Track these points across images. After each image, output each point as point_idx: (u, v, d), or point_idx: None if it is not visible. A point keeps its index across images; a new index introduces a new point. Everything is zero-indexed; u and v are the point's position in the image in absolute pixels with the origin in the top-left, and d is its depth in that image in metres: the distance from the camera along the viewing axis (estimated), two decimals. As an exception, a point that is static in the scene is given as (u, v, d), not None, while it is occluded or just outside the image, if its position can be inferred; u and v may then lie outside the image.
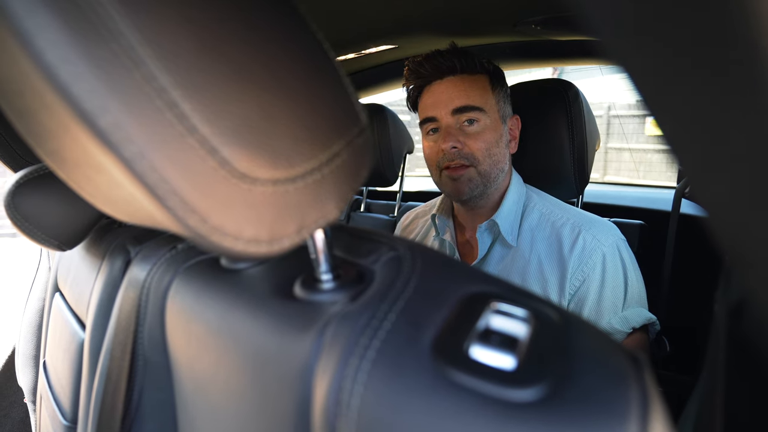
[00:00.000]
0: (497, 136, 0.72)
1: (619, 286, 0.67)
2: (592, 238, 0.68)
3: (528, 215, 0.75)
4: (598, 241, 0.68)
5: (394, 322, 0.21)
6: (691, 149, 0.15)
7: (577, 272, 0.67)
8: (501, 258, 0.74)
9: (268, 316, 0.27)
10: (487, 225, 0.75)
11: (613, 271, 0.67)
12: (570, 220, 0.71)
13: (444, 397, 0.18)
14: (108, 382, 0.40)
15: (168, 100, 0.17)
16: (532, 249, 0.72)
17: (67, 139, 0.21)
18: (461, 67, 0.70)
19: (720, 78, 0.12)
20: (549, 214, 0.74)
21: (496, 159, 0.72)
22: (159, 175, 0.17)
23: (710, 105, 0.13)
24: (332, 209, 0.23)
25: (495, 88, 0.73)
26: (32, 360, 1.03)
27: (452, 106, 0.70)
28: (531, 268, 0.71)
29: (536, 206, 0.75)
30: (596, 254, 0.67)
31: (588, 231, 0.69)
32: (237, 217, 0.19)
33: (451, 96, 0.70)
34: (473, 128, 0.71)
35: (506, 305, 0.22)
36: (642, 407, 0.17)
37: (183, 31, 0.18)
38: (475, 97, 0.70)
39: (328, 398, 0.20)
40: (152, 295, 0.37)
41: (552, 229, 0.72)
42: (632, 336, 0.66)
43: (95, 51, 0.15)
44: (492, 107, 0.72)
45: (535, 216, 0.74)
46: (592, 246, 0.67)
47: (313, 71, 0.22)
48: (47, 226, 0.50)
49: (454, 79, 0.71)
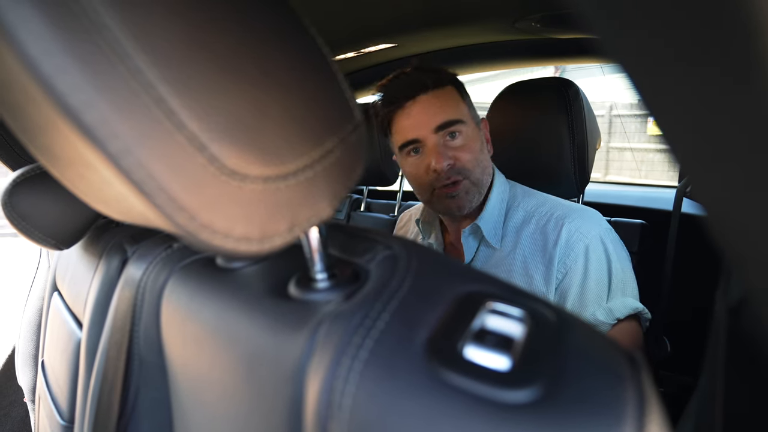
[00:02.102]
0: (479, 143, 0.73)
1: (603, 277, 0.66)
2: (575, 230, 0.68)
3: (512, 215, 0.75)
4: (580, 233, 0.67)
5: (388, 322, 0.21)
6: (690, 147, 0.14)
7: (560, 265, 0.67)
8: (486, 260, 0.74)
9: (262, 315, 0.26)
10: (470, 229, 0.75)
11: (596, 263, 0.66)
12: (554, 215, 0.71)
13: (437, 399, 0.18)
14: (104, 381, 0.39)
15: (155, 96, 0.16)
16: (516, 248, 0.71)
17: (57, 134, 0.20)
18: (432, 84, 0.69)
19: (719, 77, 0.12)
20: (533, 211, 0.73)
21: (483, 165, 0.73)
22: (146, 172, 0.16)
23: (709, 104, 0.13)
24: (325, 207, 0.22)
25: (463, 97, 0.73)
26: (32, 359, 1.03)
27: (433, 124, 0.69)
28: (516, 267, 0.70)
29: (520, 205, 0.75)
30: (578, 246, 0.67)
31: (571, 223, 0.69)
32: (227, 214, 0.19)
33: (429, 114, 0.69)
34: (457, 141, 0.70)
35: (502, 305, 0.22)
36: (638, 408, 0.17)
37: (171, 26, 0.17)
38: (452, 110, 0.70)
39: (319, 399, 0.20)
40: (148, 295, 0.37)
41: (536, 226, 0.71)
42: (618, 326, 0.65)
43: (79, 44, 0.15)
44: (467, 116, 0.72)
45: (519, 215, 0.74)
46: (575, 238, 0.67)
47: (305, 67, 0.22)
48: (44, 224, 0.50)
49: (428, 97, 0.69)
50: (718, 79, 0.12)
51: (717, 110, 0.13)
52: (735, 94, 0.12)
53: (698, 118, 0.13)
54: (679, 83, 0.13)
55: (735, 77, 0.12)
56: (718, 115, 0.13)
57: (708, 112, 0.13)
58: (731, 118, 0.13)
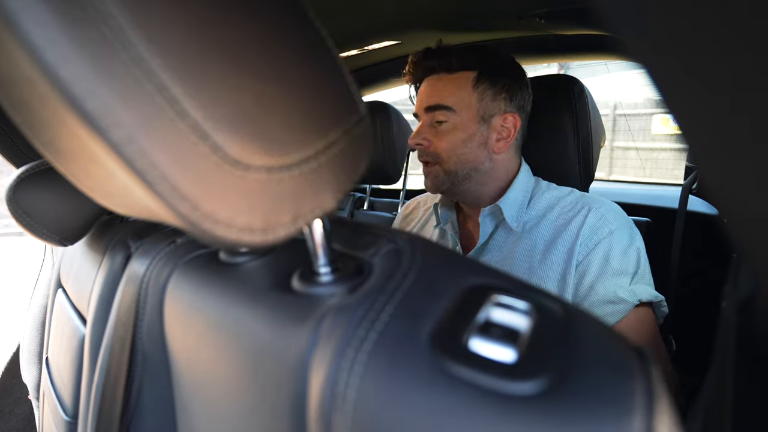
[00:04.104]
0: (465, 135, 0.72)
1: (629, 260, 0.66)
2: (601, 216, 0.68)
3: (535, 203, 0.74)
4: (606, 219, 0.67)
5: (392, 314, 0.21)
6: (709, 144, 0.14)
7: (582, 247, 0.67)
8: (503, 243, 0.74)
9: (266, 309, 0.26)
10: (490, 210, 0.74)
11: (621, 244, 0.66)
12: (580, 203, 0.71)
13: (442, 390, 0.17)
14: (108, 377, 0.39)
15: (158, 84, 0.16)
16: (538, 231, 0.71)
17: (62, 128, 0.20)
18: (440, 67, 0.73)
19: (740, 76, 0.12)
20: (557, 200, 0.73)
21: (464, 158, 0.73)
22: (148, 160, 0.16)
23: (730, 103, 0.13)
24: (329, 199, 0.22)
25: (480, 86, 0.72)
26: (36, 357, 1.03)
27: (425, 105, 0.74)
28: (537, 249, 0.70)
29: (544, 195, 0.75)
30: (604, 230, 0.66)
31: (598, 210, 0.68)
32: (229, 204, 0.19)
33: (426, 95, 0.74)
34: (442, 127, 0.73)
35: (507, 298, 0.22)
36: (647, 400, 0.16)
37: (175, 15, 0.17)
38: (447, 96, 0.72)
39: (323, 391, 0.20)
40: (151, 290, 0.37)
41: (560, 211, 0.71)
42: (638, 311, 0.65)
43: (83, 32, 0.15)
44: (466, 106, 0.72)
45: (542, 203, 0.74)
46: (601, 223, 0.67)
47: (310, 58, 0.22)
48: (48, 221, 0.50)
49: (433, 79, 0.74)
50: (738, 78, 0.12)
51: (737, 108, 0.13)
52: (756, 91, 0.12)
53: (718, 116, 0.13)
54: (701, 82, 0.13)
55: (758, 75, 0.12)
56: (738, 114, 0.13)
57: (728, 110, 0.13)
58: (752, 116, 0.12)
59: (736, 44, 0.12)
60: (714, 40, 0.12)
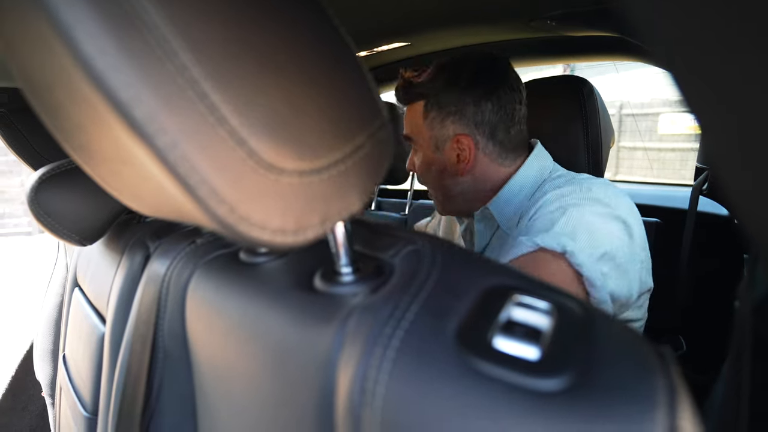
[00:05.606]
0: (427, 164, 0.73)
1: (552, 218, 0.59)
2: (563, 203, 0.61)
3: (538, 198, 0.67)
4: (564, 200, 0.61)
5: (417, 313, 0.21)
6: (727, 142, 0.15)
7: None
8: (503, 243, 0.70)
9: (288, 308, 0.27)
10: (481, 213, 0.73)
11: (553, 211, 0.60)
12: (567, 202, 0.62)
13: (470, 386, 0.18)
14: (128, 374, 0.40)
15: (199, 91, 0.17)
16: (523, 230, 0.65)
17: (97, 132, 0.21)
18: (400, 99, 0.75)
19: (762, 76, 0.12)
20: (555, 199, 0.64)
21: (436, 184, 0.74)
22: (190, 165, 0.17)
23: (754, 102, 0.13)
24: (355, 201, 0.23)
25: (428, 115, 0.70)
26: (50, 354, 1.05)
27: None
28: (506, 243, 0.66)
29: (547, 191, 0.67)
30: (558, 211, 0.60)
31: (574, 208, 0.60)
32: (264, 207, 0.19)
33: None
34: (415, 156, 0.76)
35: (528, 298, 0.22)
36: (670, 397, 0.17)
37: (212, 23, 0.18)
38: (408, 126, 0.74)
39: (352, 387, 0.20)
40: (172, 289, 0.38)
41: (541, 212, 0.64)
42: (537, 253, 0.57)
43: (130, 42, 0.16)
44: (421, 135, 0.72)
45: (537, 204, 0.66)
46: (560, 205, 0.61)
47: (336, 64, 0.22)
48: (69, 221, 0.51)
49: (405, 110, 0.77)
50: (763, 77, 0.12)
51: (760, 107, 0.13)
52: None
53: (742, 116, 0.13)
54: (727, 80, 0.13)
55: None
56: (761, 113, 0.13)
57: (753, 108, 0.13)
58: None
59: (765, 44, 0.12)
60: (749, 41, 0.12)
